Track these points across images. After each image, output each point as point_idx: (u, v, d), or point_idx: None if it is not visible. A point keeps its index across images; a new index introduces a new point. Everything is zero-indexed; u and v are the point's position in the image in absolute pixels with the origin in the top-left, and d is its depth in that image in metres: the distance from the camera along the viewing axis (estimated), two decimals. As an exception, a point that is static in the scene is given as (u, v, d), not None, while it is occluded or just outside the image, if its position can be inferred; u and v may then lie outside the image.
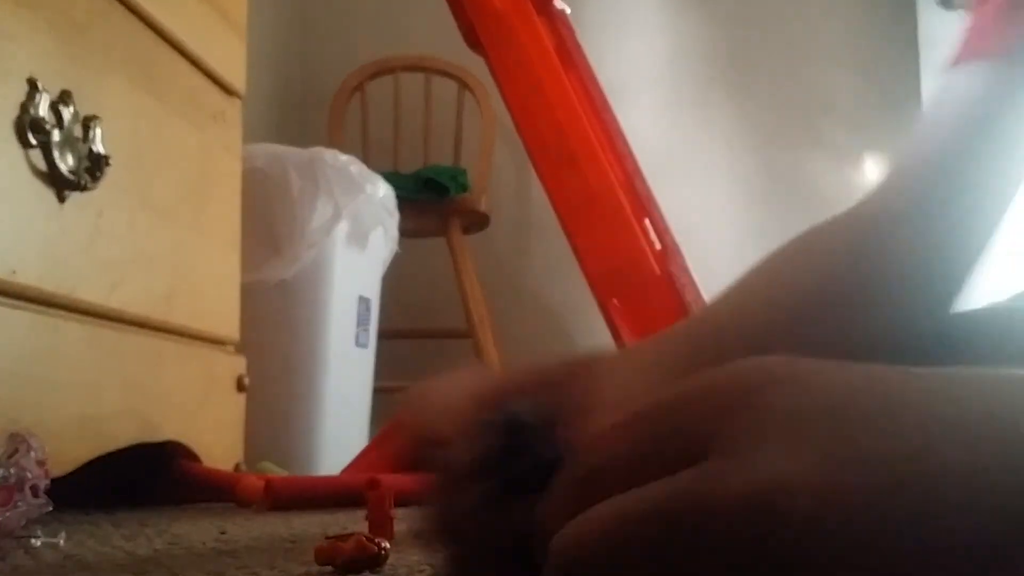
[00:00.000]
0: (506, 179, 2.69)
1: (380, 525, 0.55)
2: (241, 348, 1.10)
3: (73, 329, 0.77)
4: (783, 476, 0.23)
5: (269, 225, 1.49)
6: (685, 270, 1.44)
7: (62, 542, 0.59)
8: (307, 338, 1.57)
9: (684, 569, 0.23)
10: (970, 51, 0.55)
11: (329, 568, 0.48)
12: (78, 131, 0.76)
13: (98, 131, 0.77)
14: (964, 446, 0.23)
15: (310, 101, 2.70)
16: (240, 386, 1.09)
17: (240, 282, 1.09)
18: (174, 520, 0.77)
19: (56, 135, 0.73)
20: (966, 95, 0.55)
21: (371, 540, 0.49)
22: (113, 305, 0.82)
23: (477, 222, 2.45)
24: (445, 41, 2.07)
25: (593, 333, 2.15)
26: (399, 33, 2.72)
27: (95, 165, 0.77)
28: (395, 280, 1.99)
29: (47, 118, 0.72)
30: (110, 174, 0.79)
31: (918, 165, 0.51)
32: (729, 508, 0.23)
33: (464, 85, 2.60)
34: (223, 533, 0.68)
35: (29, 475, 0.61)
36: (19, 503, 0.59)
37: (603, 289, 1.35)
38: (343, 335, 1.67)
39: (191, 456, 0.96)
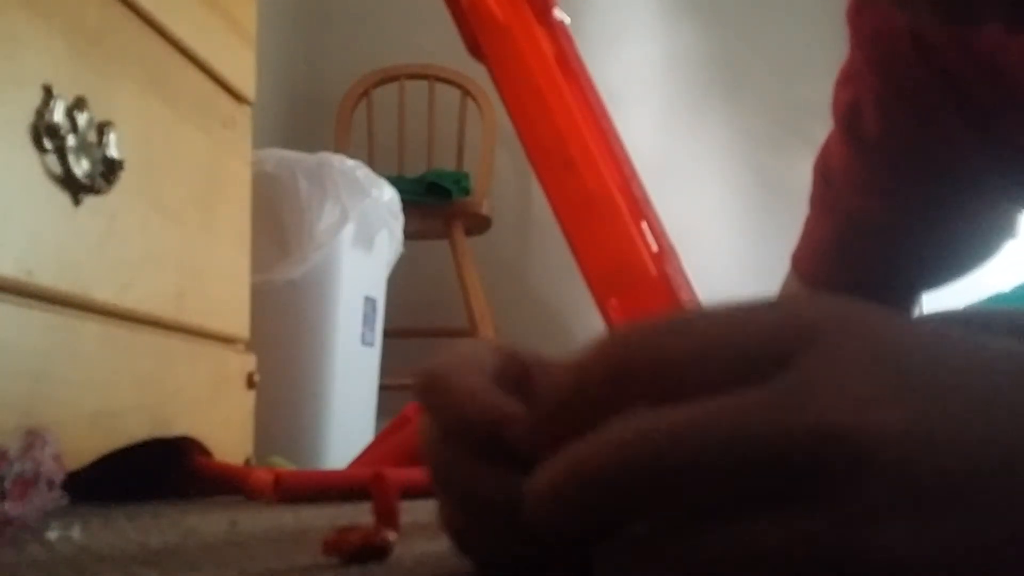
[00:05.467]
0: (507, 183, 2.70)
1: (386, 517, 0.55)
2: (251, 346, 1.11)
3: (87, 328, 0.78)
4: (874, 398, 0.23)
5: (278, 227, 1.50)
6: (681, 271, 1.45)
7: (77, 534, 0.60)
8: (315, 336, 1.58)
9: (748, 484, 0.23)
10: (797, 264, 0.64)
11: (336, 559, 0.48)
12: (92, 136, 0.76)
13: (112, 136, 0.78)
14: None
15: (318, 108, 2.71)
16: (250, 383, 1.09)
17: (250, 282, 1.10)
18: (186, 513, 0.77)
19: (71, 140, 0.73)
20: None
21: (377, 532, 0.49)
22: (126, 305, 0.83)
23: (479, 224, 2.46)
24: (448, 50, 2.08)
25: (592, 332, 2.15)
26: (404, 42, 2.73)
27: (109, 169, 0.78)
28: (400, 281, 2.00)
29: (62, 124, 0.72)
30: (123, 178, 0.79)
31: None
32: (804, 432, 0.22)
33: (466, 92, 2.61)
34: (234, 525, 0.68)
35: (44, 469, 0.62)
36: (35, 497, 0.60)
37: (601, 289, 1.36)
38: (350, 334, 1.67)
39: (202, 451, 0.96)
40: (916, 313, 0.66)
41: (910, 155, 0.58)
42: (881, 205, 0.60)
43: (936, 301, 0.68)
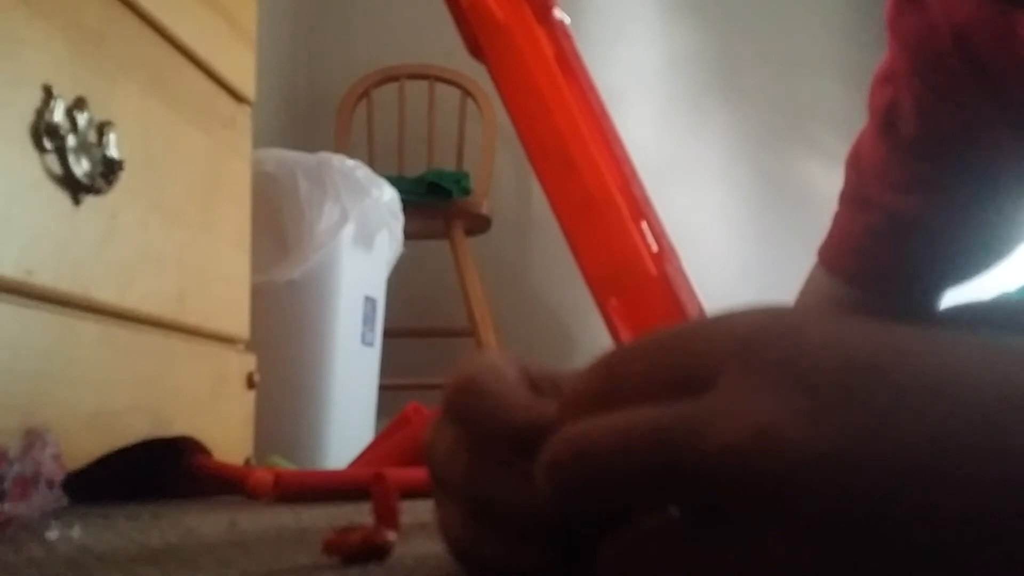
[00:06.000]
0: (507, 183, 2.70)
1: (386, 517, 0.55)
2: (251, 346, 1.11)
3: (87, 328, 0.78)
4: (774, 422, 0.23)
5: (278, 227, 1.51)
6: (681, 271, 1.45)
7: (76, 534, 0.60)
8: (315, 336, 1.58)
9: (658, 492, 0.24)
10: (827, 259, 0.64)
11: (336, 559, 0.48)
12: (92, 136, 0.76)
13: (112, 136, 0.78)
14: (970, 419, 0.22)
15: (318, 107, 2.71)
16: (250, 383, 1.09)
17: (250, 282, 1.10)
18: (186, 513, 0.77)
19: (71, 140, 0.73)
20: (819, 291, 0.65)
21: (377, 532, 0.49)
22: (126, 305, 0.83)
23: (479, 224, 2.46)
24: (448, 50, 2.08)
25: (592, 332, 2.17)
26: (404, 42, 2.73)
27: (109, 169, 0.78)
28: (400, 281, 2.00)
29: (62, 124, 0.73)
30: (123, 178, 0.79)
31: None
32: (716, 442, 0.23)
33: (466, 92, 2.61)
34: (234, 525, 0.68)
35: (44, 469, 0.62)
36: (35, 496, 0.60)
37: (601, 289, 1.36)
38: (350, 334, 1.67)
39: (202, 451, 0.97)
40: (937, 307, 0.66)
41: (948, 154, 0.58)
42: (916, 202, 0.60)
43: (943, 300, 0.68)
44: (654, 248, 1.59)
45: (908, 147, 0.60)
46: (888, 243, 0.63)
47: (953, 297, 0.69)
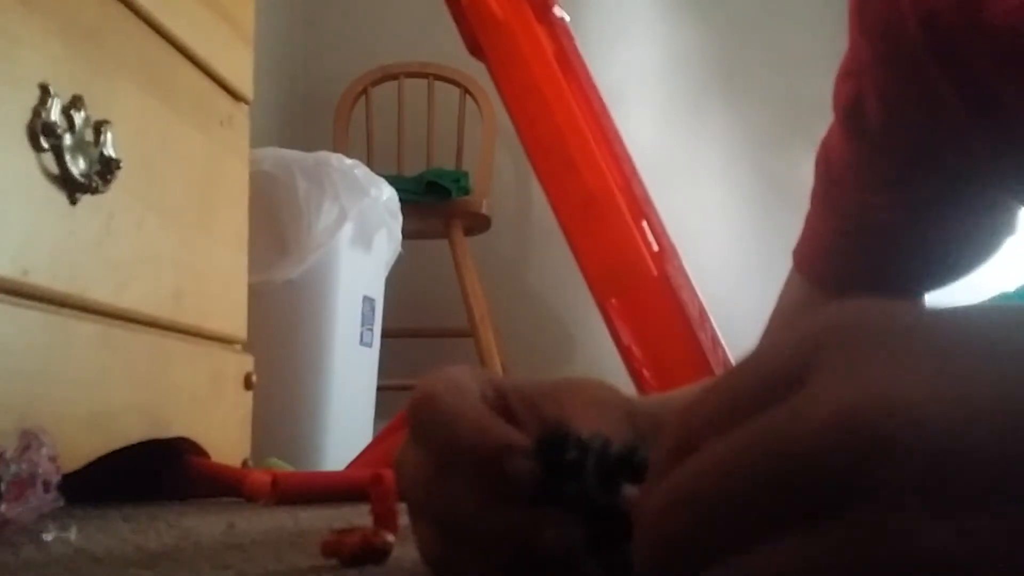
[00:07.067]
0: (507, 182, 2.70)
1: (384, 519, 0.55)
2: (249, 347, 1.11)
3: (84, 328, 0.77)
4: (880, 392, 0.21)
5: (276, 227, 1.50)
6: (681, 270, 1.44)
7: (73, 536, 0.60)
8: (313, 337, 1.58)
9: (784, 504, 0.21)
10: (799, 261, 0.65)
11: (334, 561, 0.48)
12: (89, 135, 0.76)
13: (109, 135, 0.78)
14: None
15: (316, 106, 2.71)
16: (247, 384, 1.09)
17: (248, 282, 1.10)
18: (183, 514, 0.77)
19: (68, 139, 0.73)
20: (793, 297, 0.65)
21: (375, 534, 0.49)
22: (123, 305, 0.83)
23: (478, 224, 2.45)
24: (448, 48, 2.08)
25: (592, 332, 2.17)
26: (403, 40, 2.73)
27: (106, 168, 0.78)
28: (399, 281, 2.00)
29: (59, 123, 0.72)
30: (120, 177, 0.79)
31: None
32: (820, 428, 0.21)
33: (466, 91, 2.61)
34: (231, 527, 0.68)
35: (41, 470, 0.61)
36: (31, 498, 0.60)
37: (601, 289, 1.36)
38: (348, 334, 1.67)
39: (200, 452, 0.96)
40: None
41: (914, 148, 0.57)
42: (884, 200, 0.60)
43: (938, 301, 0.67)
44: (654, 247, 1.59)
45: (874, 143, 0.59)
46: (858, 243, 0.62)
47: (952, 297, 0.68)
